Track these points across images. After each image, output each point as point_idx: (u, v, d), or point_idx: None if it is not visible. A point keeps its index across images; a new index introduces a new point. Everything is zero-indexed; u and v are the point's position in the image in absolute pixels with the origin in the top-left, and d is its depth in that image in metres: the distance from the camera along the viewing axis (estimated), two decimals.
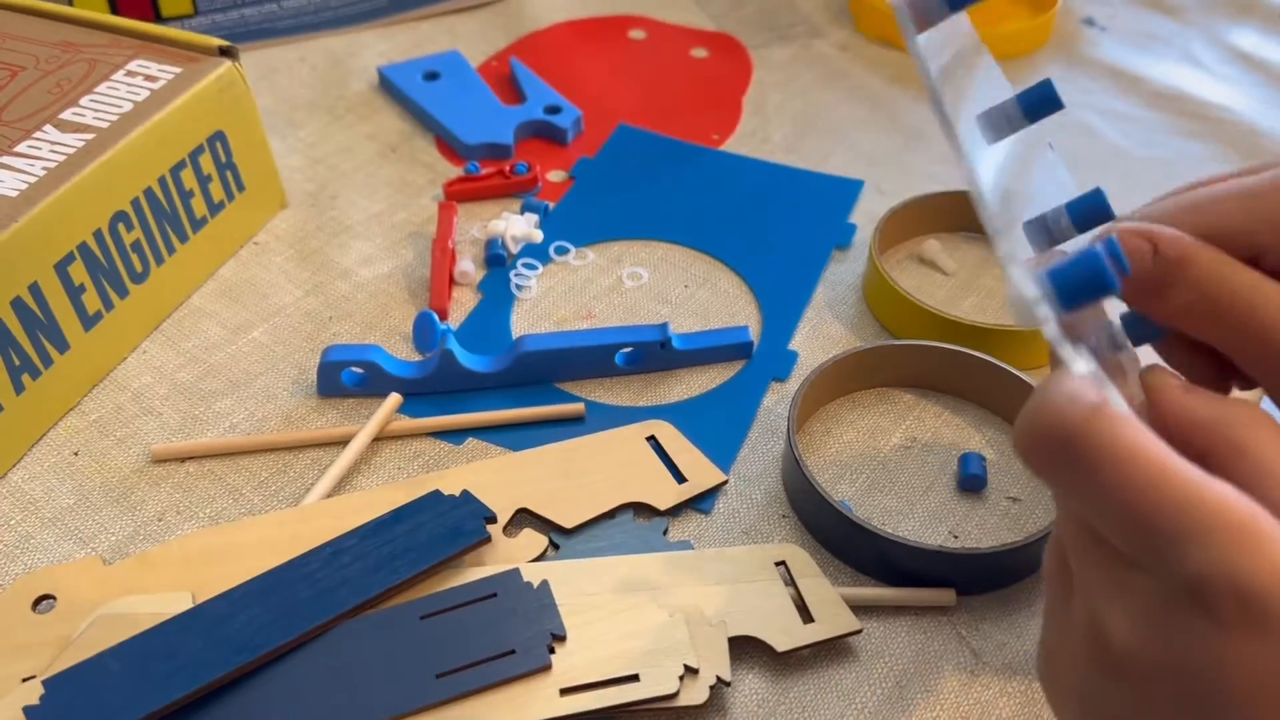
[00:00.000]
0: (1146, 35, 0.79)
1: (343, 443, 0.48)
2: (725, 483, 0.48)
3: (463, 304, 0.56)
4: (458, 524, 0.43)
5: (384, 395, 0.50)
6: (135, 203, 0.51)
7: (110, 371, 0.52)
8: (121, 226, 0.50)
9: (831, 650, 0.42)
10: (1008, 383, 0.50)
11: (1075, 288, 0.27)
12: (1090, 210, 0.33)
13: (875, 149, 0.68)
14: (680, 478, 0.47)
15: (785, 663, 0.42)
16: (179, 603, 0.41)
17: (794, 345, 0.55)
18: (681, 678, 0.39)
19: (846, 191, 0.64)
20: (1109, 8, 0.81)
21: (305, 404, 0.51)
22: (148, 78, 0.53)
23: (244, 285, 0.57)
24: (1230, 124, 0.70)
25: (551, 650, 0.39)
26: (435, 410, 0.50)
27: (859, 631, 0.41)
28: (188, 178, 0.54)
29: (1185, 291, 0.30)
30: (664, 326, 0.52)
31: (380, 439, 0.49)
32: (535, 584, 0.41)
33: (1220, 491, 0.24)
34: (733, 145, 0.67)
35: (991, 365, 0.50)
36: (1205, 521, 0.24)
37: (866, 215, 0.62)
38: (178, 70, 0.54)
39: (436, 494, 0.44)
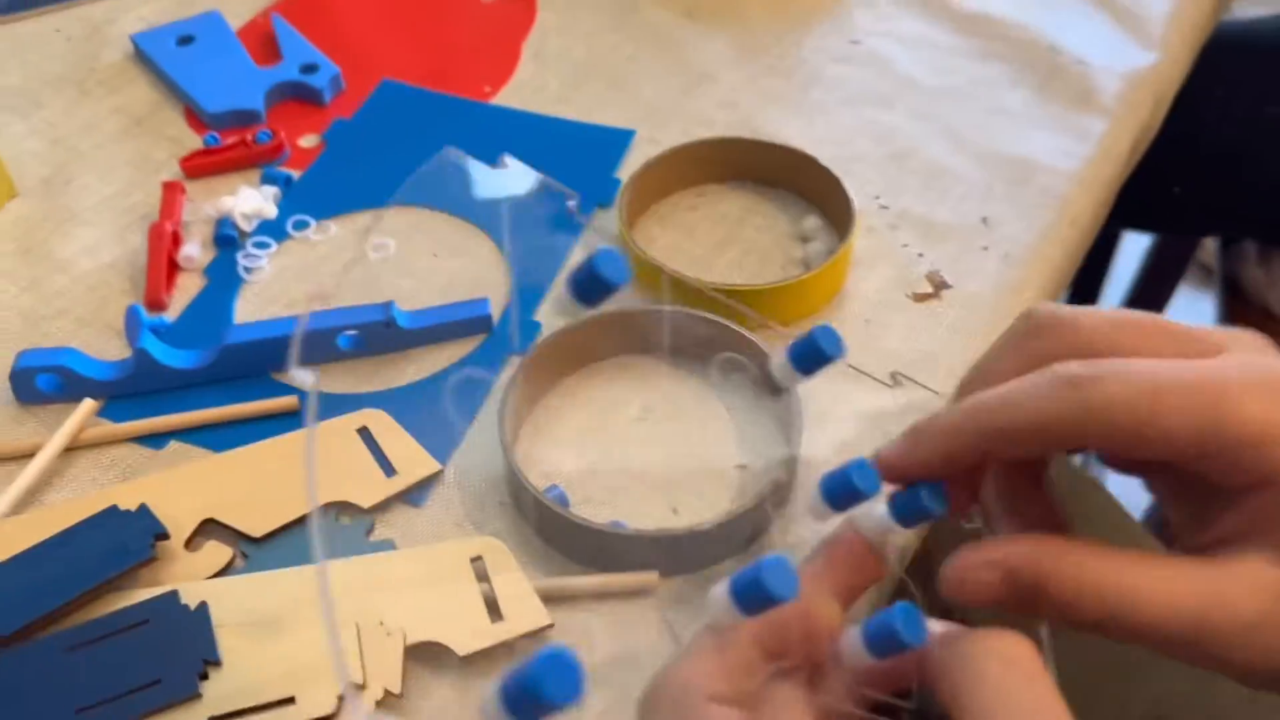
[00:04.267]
0: None
1: (34, 455, 0.45)
2: (440, 472, 0.45)
3: (187, 291, 0.53)
4: (124, 543, 0.40)
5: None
6: None
7: None
8: None
9: (528, 647, 0.40)
10: (737, 342, 0.47)
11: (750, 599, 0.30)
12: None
13: (656, 95, 0.64)
14: (390, 470, 0.45)
15: (476, 665, 0.40)
16: None
17: (540, 315, 0.52)
18: (341, 696, 0.37)
19: (616, 143, 0.61)
20: None
21: (3, 412, 0.48)
22: None
23: None
24: (1029, 43, 0.67)
25: (204, 677, 0.37)
26: (141, 412, 0.47)
27: (550, 626, 0.39)
28: None
29: (1050, 605, 0.30)
30: (388, 305, 0.49)
31: (75, 448, 0.46)
32: (194, 605, 0.39)
33: None
34: (505, 97, 0.64)
35: (722, 326, 0.47)
36: None
37: (636, 168, 0.59)
38: None
39: (113, 510, 0.41)
